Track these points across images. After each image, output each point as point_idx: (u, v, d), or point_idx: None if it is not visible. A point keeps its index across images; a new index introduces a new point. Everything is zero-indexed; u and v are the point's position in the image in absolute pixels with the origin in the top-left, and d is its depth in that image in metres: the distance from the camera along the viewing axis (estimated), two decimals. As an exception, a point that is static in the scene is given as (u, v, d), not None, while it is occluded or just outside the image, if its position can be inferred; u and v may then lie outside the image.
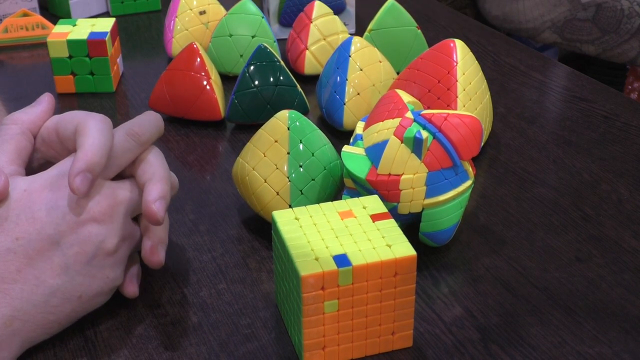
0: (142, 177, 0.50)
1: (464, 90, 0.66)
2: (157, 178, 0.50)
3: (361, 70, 0.71)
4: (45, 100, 0.53)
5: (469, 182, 0.55)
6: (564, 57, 1.77)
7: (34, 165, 0.53)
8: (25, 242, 0.46)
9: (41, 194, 0.47)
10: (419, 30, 0.81)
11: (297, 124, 0.57)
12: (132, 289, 0.51)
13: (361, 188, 0.55)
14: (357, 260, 0.44)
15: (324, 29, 0.81)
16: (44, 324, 0.47)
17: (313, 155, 0.57)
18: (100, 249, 0.48)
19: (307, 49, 0.81)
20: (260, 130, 0.58)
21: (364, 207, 0.49)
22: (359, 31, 0.95)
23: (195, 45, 0.74)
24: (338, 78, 0.71)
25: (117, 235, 0.48)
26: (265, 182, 0.56)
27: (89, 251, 0.47)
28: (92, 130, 0.48)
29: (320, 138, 0.58)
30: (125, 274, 0.51)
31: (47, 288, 0.46)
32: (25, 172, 0.50)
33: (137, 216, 0.52)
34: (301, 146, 0.56)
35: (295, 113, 0.57)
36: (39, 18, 0.94)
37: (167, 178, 0.50)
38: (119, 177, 0.51)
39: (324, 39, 0.81)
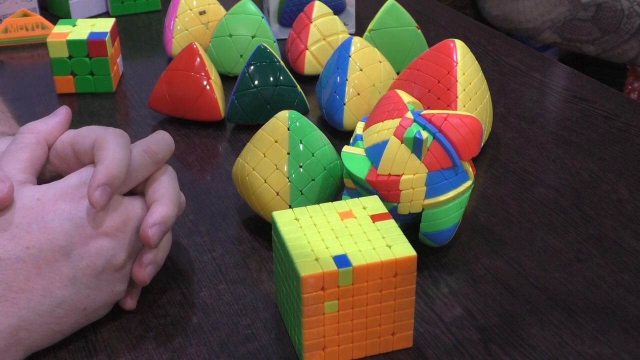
0: (152, 196, 0.50)
1: (464, 90, 0.66)
2: (165, 201, 0.50)
3: (361, 70, 0.71)
4: (63, 112, 0.53)
5: (469, 183, 0.55)
6: (564, 57, 1.77)
7: (45, 177, 0.52)
8: (36, 252, 0.45)
9: (55, 203, 0.47)
10: (419, 30, 0.81)
11: (297, 124, 0.57)
12: (130, 303, 0.51)
13: (361, 188, 0.55)
14: (357, 260, 0.44)
15: (324, 29, 0.81)
16: (49, 334, 0.46)
17: (313, 156, 0.57)
18: (109, 264, 0.48)
19: (307, 49, 0.81)
20: (260, 131, 0.58)
21: (364, 208, 0.49)
22: (359, 31, 0.95)
23: (195, 46, 0.74)
24: (338, 78, 0.71)
25: (126, 251, 0.49)
26: (265, 182, 0.56)
27: (98, 265, 0.47)
28: (111, 144, 0.48)
29: (320, 138, 0.58)
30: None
31: (54, 299, 0.46)
32: (38, 182, 0.50)
33: None
34: (301, 146, 0.56)
35: (295, 113, 0.57)
36: (39, 18, 0.94)
37: (175, 202, 0.50)
38: (131, 193, 0.51)
39: (324, 39, 0.81)
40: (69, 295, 0.46)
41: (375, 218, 0.48)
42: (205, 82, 0.73)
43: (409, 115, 0.54)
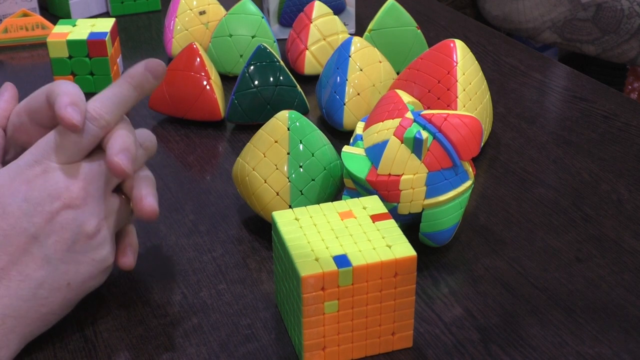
0: (107, 142, 0.48)
1: (464, 90, 0.66)
2: (118, 134, 0.48)
3: (361, 70, 0.71)
4: (8, 89, 0.53)
5: (469, 183, 0.55)
6: (564, 57, 1.77)
7: (9, 157, 0.52)
8: (2, 239, 0.45)
9: (10, 186, 0.46)
10: (419, 30, 0.81)
11: (297, 124, 0.57)
12: (125, 261, 0.50)
13: (361, 188, 0.55)
14: (357, 260, 0.44)
15: (324, 29, 0.81)
16: (38, 317, 0.46)
17: (313, 156, 0.57)
18: (79, 234, 0.47)
19: (307, 49, 0.81)
20: (260, 131, 0.58)
21: (364, 208, 0.49)
22: (359, 31, 0.94)
23: (195, 46, 0.74)
24: (338, 78, 0.71)
25: (96, 215, 0.48)
26: (265, 182, 0.56)
27: (67, 238, 0.46)
28: (64, 83, 0.48)
29: (320, 138, 0.58)
30: (118, 248, 0.50)
31: (33, 281, 0.46)
32: (4, 163, 0.49)
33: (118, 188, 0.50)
34: (301, 146, 0.56)
35: (295, 113, 0.57)
36: (39, 18, 0.94)
37: (130, 136, 0.49)
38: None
39: (324, 39, 0.81)
40: (47, 275, 0.46)
41: (375, 218, 0.48)
42: (205, 82, 0.73)
43: (409, 115, 0.54)
